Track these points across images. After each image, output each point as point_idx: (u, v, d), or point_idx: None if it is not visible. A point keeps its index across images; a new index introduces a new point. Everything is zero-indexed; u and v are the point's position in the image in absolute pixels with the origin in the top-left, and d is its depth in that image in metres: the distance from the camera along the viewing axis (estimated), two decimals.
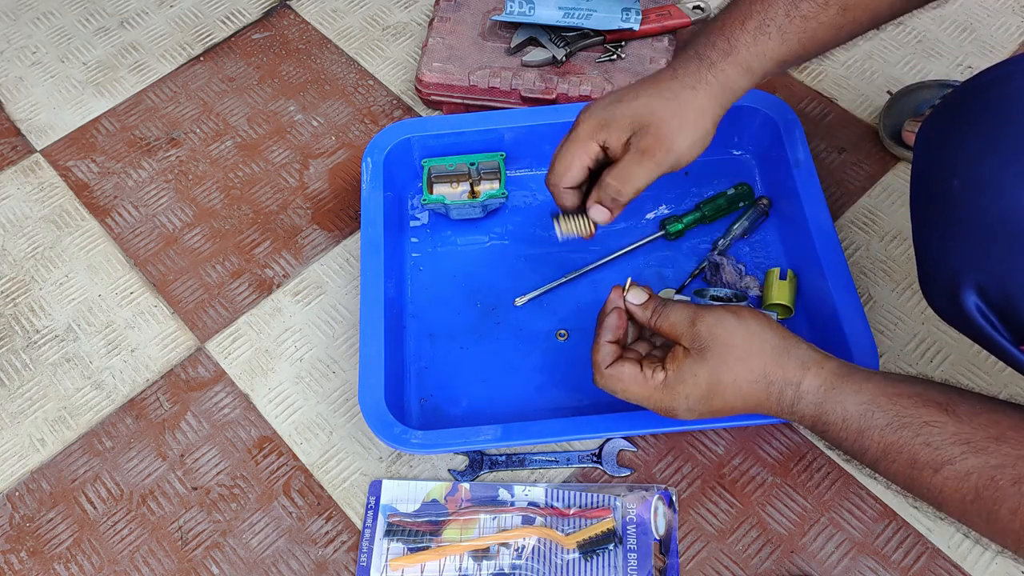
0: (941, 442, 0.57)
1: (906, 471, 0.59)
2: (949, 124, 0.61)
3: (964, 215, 0.58)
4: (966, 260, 0.58)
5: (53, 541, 0.80)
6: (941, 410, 0.59)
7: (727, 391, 0.65)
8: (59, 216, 0.98)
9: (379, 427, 0.75)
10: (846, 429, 0.62)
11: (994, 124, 0.57)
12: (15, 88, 1.09)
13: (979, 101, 0.59)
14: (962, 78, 1.00)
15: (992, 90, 0.59)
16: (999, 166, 0.56)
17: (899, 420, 0.59)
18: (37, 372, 0.89)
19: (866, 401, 0.61)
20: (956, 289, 0.58)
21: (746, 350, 0.65)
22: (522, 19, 0.98)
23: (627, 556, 0.75)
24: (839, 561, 0.76)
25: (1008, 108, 0.57)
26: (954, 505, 0.58)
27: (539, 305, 0.88)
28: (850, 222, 0.93)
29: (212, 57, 1.10)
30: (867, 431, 0.60)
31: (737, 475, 0.80)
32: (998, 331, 0.58)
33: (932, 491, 0.58)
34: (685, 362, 0.65)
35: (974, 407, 0.59)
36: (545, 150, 0.93)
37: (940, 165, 0.61)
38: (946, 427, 0.58)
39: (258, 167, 1.01)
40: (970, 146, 0.58)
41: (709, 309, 0.67)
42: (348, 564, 0.77)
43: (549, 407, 0.82)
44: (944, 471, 0.57)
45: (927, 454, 0.58)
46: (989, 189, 0.56)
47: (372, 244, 0.85)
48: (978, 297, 0.57)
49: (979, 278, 0.57)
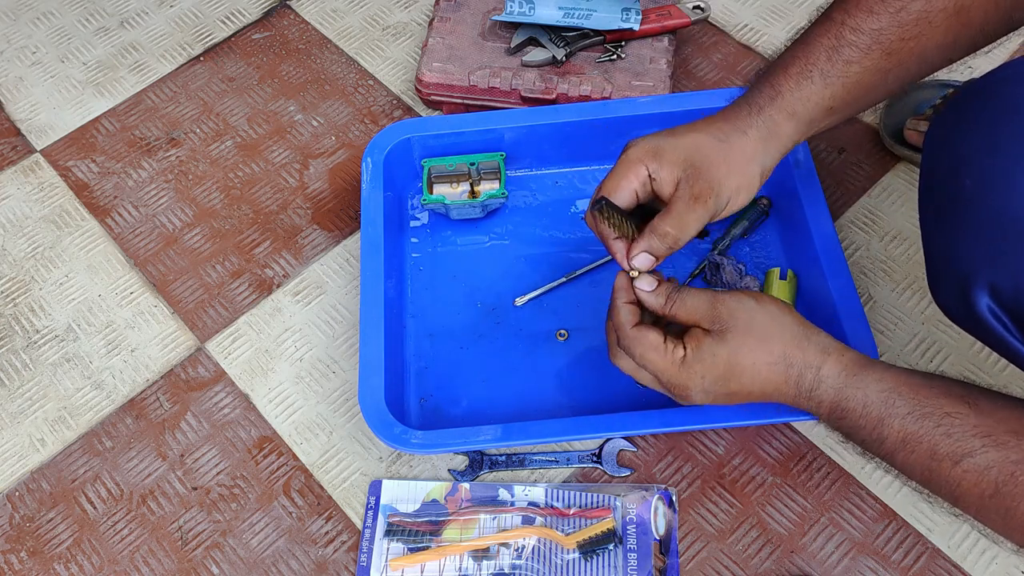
0: (962, 434, 0.57)
1: (925, 462, 0.58)
2: (958, 124, 0.61)
3: (975, 214, 0.57)
4: (978, 260, 0.57)
5: (53, 541, 0.80)
6: (962, 402, 0.58)
7: (745, 373, 0.64)
8: (59, 216, 0.98)
9: (379, 427, 0.75)
10: (866, 416, 0.61)
11: (1004, 122, 0.57)
12: (15, 88, 1.09)
13: (989, 100, 0.59)
14: (962, 78, 1.00)
15: (1002, 89, 0.59)
16: (1011, 164, 0.55)
17: (920, 409, 0.59)
18: (37, 372, 0.89)
19: (887, 388, 0.60)
20: (967, 290, 0.58)
21: (767, 332, 0.64)
22: (522, 19, 0.98)
23: (627, 556, 0.75)
24: (839, 561, 0.76)
25: (1018, 106, 0.56)
26: (972, 499, 0.57)
27: (539, 305, 0.88)
28: (850, 222, 0.93)
29: (212, 57, 1.10)
30: (887, 419, 0.60)
31: (737, 475, 0.80)
32: (1010, 332, 0.57)
33: (950, 484, 0.57)
34: (705, 341, 0.64)
35: (994, 402, 0.58)
36: (545, 150, 0.93)
37: (950, 165, 0.60)
38: (967, 419, 0.57)
39: (258, 167, 1.01)
40: (980, 145, 0.58)
41: (728, 292, 0.67)
42: (348, 564, 0.77)
43: (549, 407, 0.82)
44: (964, 463, 0.56)
45: (947, 445, 0.57)
46: (1001, 187, 0.55)
47: (372, 244, 0.85)
48: (990, 298, 0.57)
49: (991, 278, 0.56)
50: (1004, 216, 0.55)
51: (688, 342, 0.65)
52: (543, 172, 0.95)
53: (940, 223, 0.62)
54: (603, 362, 0.83)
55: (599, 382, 0.83)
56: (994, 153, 0.57)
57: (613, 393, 0.82)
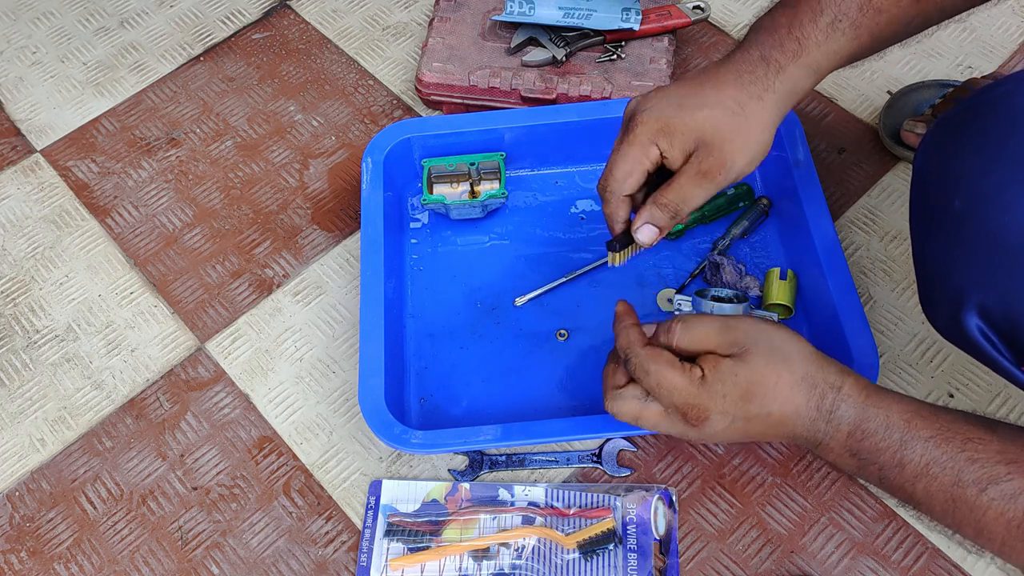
0: (987, 459, 0.54)
1: (949, 489, 0.55)
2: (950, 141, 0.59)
3: (966, 233, 0.56)
4: (968, 279, 0.56)
5: (53, 541, 0.80)
6: (983, 427, 0.56)
7: (767, 392, 0.60)
8: (59, 216, 0.98)
9: (379, 427, 0.75)
10: (888, 438, 0.57)
11: (997, 141, 0.56)
12: (15, 88, 1.09)
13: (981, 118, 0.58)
14: (962, 78, 1.00)
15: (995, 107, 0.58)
16: (1002, 183, 0.54)
17: (943, 433, 0.56)
18: (37, 372, 0.89)
19: (909, 411, 0.58)
20: (958, 309, 0.57)
21: (788, 352, 0.61)
22: (522, 19, 0.98)
23: (627, 556, 0.75)
24: (839, 561, 0.76)
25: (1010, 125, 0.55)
26: (997, 529, 0.54)
27: (539, 305, 0.88)
28: (850, 222, 0.93)
29: (212, 57, 1.10)
30: (910, 441, 0.57)
31: (737, 475, 0.80)
32: (1001, 352, 0.57)
33: (975, 512, 0.55)
34: (723, 362, 0.60)
35: (1013, 429, 0.56)
36: (545, 150, 0.93)
37: (942, 183, 0.59)
38: (991, 444, 0.55)
39: (258, 167, 1.01)
40: (972, 163, 0.57)
41: (735, 317, 0.63)
42: (348, 564, 0.77)
43: (549, 407, 0.82)
44: (990, 491, 0.54)
45: (972, 471, 0.54)
46: (992, 206, 0.54)
47: (372, 244, 0.85)
48: (979, 317, 0.56)
49: (981, 298, 0.55)
50: (994, 237, 0.54)
51: (704, 364, 0.61)
52: (543, 172, 0.95)
53: (931, 242, 0.61)
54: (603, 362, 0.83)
55: (599, 382, 0.82)
56: (985, 171, 0.56)
57: None
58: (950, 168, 0.59)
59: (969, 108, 0.60)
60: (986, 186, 0.55)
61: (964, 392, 0.83)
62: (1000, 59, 1.04)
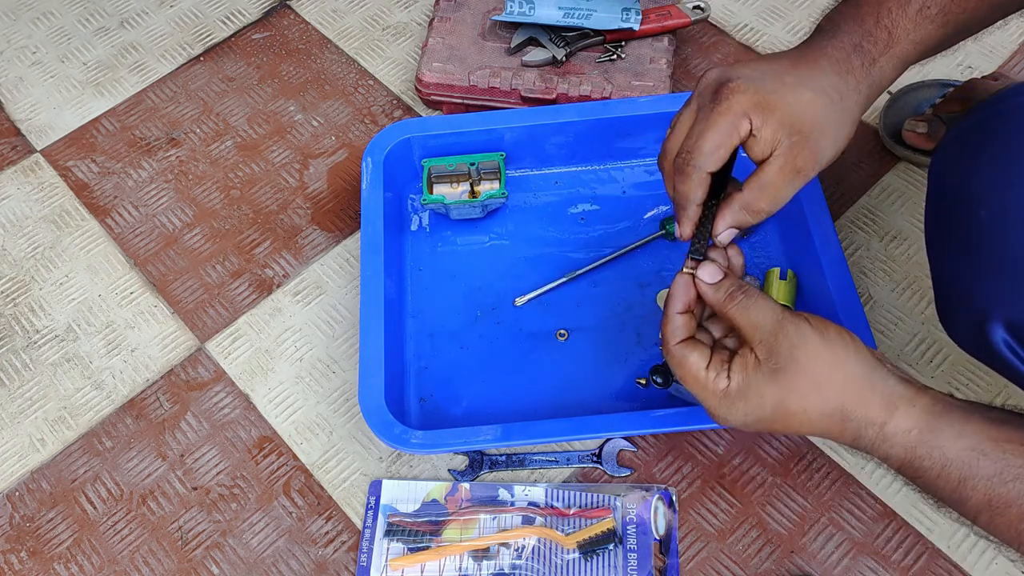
0: None
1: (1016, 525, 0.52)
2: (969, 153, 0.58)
3: (991, 249, 0.55)
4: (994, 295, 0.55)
5: (53, 541, 0.80)
6: None
7: (793, 420, 0.56)
8: (59, 216, 0.98)
9: (379, 427, 0.75)
10: (944, 477, 0.53)
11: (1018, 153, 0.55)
12: (15, 88, 1.09)
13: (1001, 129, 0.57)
14: (962, 78, 1.00)
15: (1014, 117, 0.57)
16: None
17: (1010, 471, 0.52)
18: (37, 372, 0.89)
19: (969, 447, 0.52)
20: (983, 323, 0.55)
21: (824, 378, 0.55)
22: (522, 19, 0.98)
23: (627, 556, 0.75)
24: (839, 561, 0.76)
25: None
26: None
27: (539, 305, 0.88)
28: (850, 222, 0.93)
29: (212, 57, 1.10)
30: (970, 480, 0.52)
31: (737, 475, 0.80)
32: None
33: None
34: (754, 376, 0.57)
35: None
36: (545, 150, 0.93)
37: (963, 195, 0.58)
38: None
39: (258, 167, 1.01)
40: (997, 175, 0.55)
41: (795, 320, 0.57)
42: (348, 564, 0.77)
43: (549, 407, 0.82)
44: None
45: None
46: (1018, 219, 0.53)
47: (372, 244, 0.85)
48: (1006, 332, 0.55)
49: (1008, 313, 0.54)
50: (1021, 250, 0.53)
51: (735, 372, 0.58)
52: (543, 172, 0.95)
53: (952, 256, 0.59)
54: (603, 362, 0.84)
55: (599, 382, 0.83)
56: (1009, 186, 0.54)
57: (613, 393, 0.82)
58: (971, 181, 0.57)
59: (984, 120, 0.58)
60: (1011, 199, 0.54)
61: (964, 392, 0.83)
62: (1000, 59, 1.04)
